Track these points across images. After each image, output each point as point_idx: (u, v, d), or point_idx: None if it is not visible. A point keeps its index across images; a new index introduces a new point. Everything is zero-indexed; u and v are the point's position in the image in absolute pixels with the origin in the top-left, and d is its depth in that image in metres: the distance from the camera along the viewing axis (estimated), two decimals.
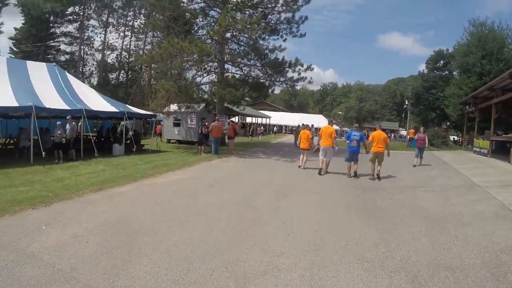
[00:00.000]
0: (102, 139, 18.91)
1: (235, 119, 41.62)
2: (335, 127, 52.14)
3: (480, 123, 25.47)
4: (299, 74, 21.24)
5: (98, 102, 15.78)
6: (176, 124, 23.99)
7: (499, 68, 28.22)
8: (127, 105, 18.38)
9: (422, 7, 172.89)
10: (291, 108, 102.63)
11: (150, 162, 13.31)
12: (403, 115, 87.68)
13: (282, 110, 74.34)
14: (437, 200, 8.50)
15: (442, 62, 46.13)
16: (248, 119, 49.56)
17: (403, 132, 56.31)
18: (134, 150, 16.34)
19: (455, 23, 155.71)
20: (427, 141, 16.30)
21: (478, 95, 24.27)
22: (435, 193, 9.50)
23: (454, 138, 41.68)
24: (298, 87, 23.32)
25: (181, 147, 21.15)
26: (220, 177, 10.58)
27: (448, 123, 41.18)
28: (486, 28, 31.33)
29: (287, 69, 21.26)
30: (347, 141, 11.58)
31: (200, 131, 18.12)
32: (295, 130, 28.13)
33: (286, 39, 22.13)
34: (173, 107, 21.69)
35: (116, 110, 15.73)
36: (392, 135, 45.77)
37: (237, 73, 23.27)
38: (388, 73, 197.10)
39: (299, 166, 13.25)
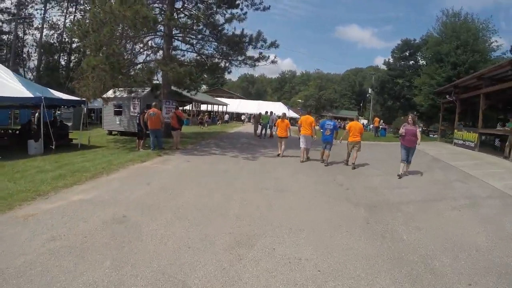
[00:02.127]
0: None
1: (189, 107, 37.42)
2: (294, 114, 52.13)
3: (460, 114, 23.38)
4: (261, 54, 17.76)
5: (5, 86, 11.23)
6: (118, 113, 19.41)
7: (474, 59, 27.50)
8: (50, 90, 13.85)
9: (381, 3, 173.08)
10: (249, 95, 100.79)
11: (63, 166, 9.09)
12: (361, 104, 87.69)
13: (240, 98, 71.73)
14: (488, 230, 5.44)
15: (409, 51, 44.71)
16: (204, 107, 45.52)
17: (364, 121, 55.00)
18: (53, 147, 12.01)
19: (414, 19, 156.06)
20: (419, 137, 9.67)
21: (460, 84, 22.16)
22: (470, 212, 6.51)
23: (421, 128, 40.04)
24: (259, 65, 18.84)
25: (120, 141, 16.63)
26: (142, 199, 6.29)
27: (415, 113, 39.30)
28: (459, 19, 30.41)
29: (247, 45, 17.64)
30: (321, 130, 11.86)
31: (138, 121, 14.03)
32: (254, 118, 24.39)
33: (246, 12, 18.17)
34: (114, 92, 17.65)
35: (30, 95, 11.28)
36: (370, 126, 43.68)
37: (188, 51, 19.35)
38: (346, 64, 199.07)
39: (278, 155, 13.06)
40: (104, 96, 17.03)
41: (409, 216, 5.98)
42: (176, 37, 18.41)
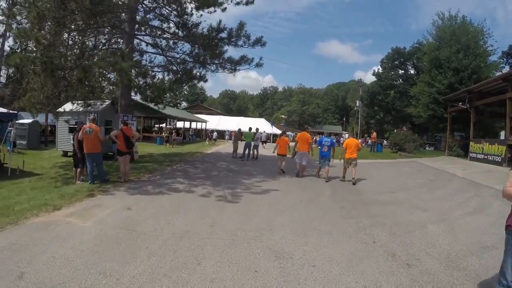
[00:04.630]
0: None
1: (165, 124, 33.44)
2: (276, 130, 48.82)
3: (475, 123, 20.34)
4: (244, 57, 14.48)
5: None
6: (73, 130, 15.57)
7: (477, 63, 25.18)
8: None
9: (360, 18, 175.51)
10: (230, 112, 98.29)
11: None
12: (344, 119, 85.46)
13: (221, 114, 68.45)
14: None
15: (400, 60, 42.22)
16: (180, 124, 41.69)
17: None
18: None
19: (392, 33, 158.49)
20: None
21: (475, 89, 19.16)
22: None
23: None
24: (241, 70, 15.09)
25: (70, 165, 12.25)
26: None
27: (409, 125, 36.56)
28: (456, 22, 28.15)
29: (226, 43, 14.17)
30: (319, 147, 12.25)
31: (72, 142, 10.04)
32: (234, 136, 20.40)
33: (226, 8, 14.63)
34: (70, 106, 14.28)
35: None
36: (359, 140, 40.44)
37: (155, 54, 15.72)
38: (328, 79, 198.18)
39: (281, 171, 12.68)
40: (59, 110, 13.87)
41: None
42: (138, 36, 14.83)
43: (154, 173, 11.47)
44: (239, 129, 20.79)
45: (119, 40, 15.21)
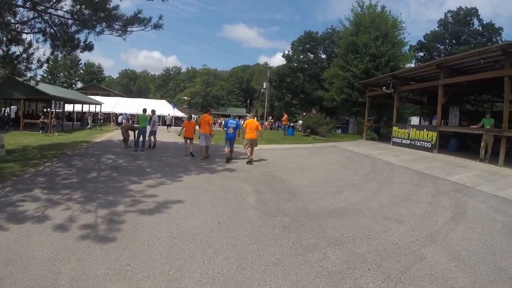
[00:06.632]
0: None
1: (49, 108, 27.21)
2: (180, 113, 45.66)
3: (398, 108, 20.11)
4: (137, 13, 11.05)
5: None
6: None
7: (394, 51, 25.76)
8: None
9: (269, 5, 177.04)
10: (130, 93, 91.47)
11: None
12: (248, 101, 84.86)
13: (119, 95, 62.44)
14: None
15: (311, 44, 41.62)
16: (70, 107, 35.27)
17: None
18: None
19: (299, 22, 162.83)
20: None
21: (399, 75, 18.98)
22: None
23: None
24: (134, 31, 11.29)
25: None
26: None
27: (318, 108, 36.10)
28: (375, 11, 28.17)
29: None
30: (225, 129, 12.49)
31: None
32: (125, 126, 16.41)
33: None
34: None
35: None
36: (265, 123, 38.78)
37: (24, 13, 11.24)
38: (233, 62, 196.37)
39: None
40: None
41: None
42: None
43: (6, 181, 7.62)
44: (131, 115, 16.82)
45: None
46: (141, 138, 14.03)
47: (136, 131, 14.27)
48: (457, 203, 6.89)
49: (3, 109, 28.37)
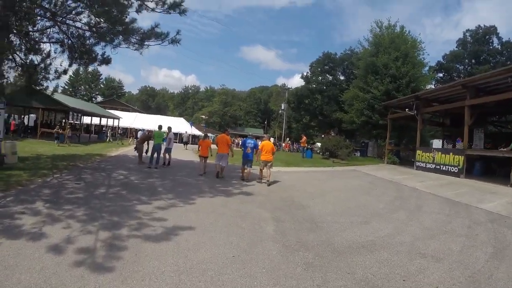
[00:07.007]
0: None
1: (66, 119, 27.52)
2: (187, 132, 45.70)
3: (421, 131, 19.42)
4: (154, 27, 11.01)
5: None
6: None
7: (414, 72, 25.14)
8: None
9: (287, 27, 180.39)
10: (148, 109, 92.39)
11: None
12: (265, 122, 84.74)
13: (137, 111, 63.82)
14: None
15: (330, 65, 41.41)
16: (88, 119, 35.75)
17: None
18: None
19: (317, 44, 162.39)
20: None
21: (422, 96, 18.37)
22: None
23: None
24: (152, 45, 11.07)
25: None
26: None
27: (337, 130, 35.50)
28: (394, 31, 27.92)
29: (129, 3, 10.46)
30: (242, 148, 12.69)
31: None
32: (141, 136, 16.56)
33: None
34: None
35: None
36: (283, 144, 38.60)
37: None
38: (251, 83, 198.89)
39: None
40: None
41: None
42: None
43: (10, 190, 7.29)
44: (148, 131, 16.65)
45: None
46: (155, 155, 13.63)
47: (151, 144, 14.00)
48: (496, 236, 6.13)
49: (22, 116, 28.80)
